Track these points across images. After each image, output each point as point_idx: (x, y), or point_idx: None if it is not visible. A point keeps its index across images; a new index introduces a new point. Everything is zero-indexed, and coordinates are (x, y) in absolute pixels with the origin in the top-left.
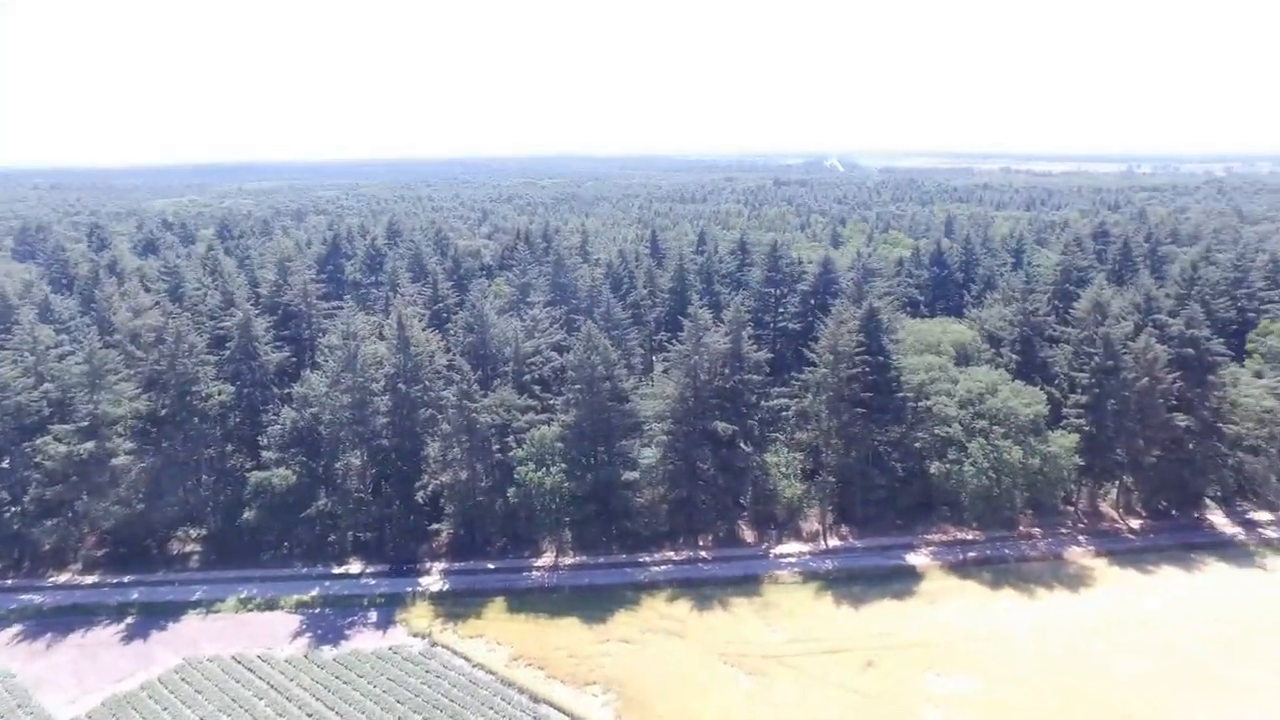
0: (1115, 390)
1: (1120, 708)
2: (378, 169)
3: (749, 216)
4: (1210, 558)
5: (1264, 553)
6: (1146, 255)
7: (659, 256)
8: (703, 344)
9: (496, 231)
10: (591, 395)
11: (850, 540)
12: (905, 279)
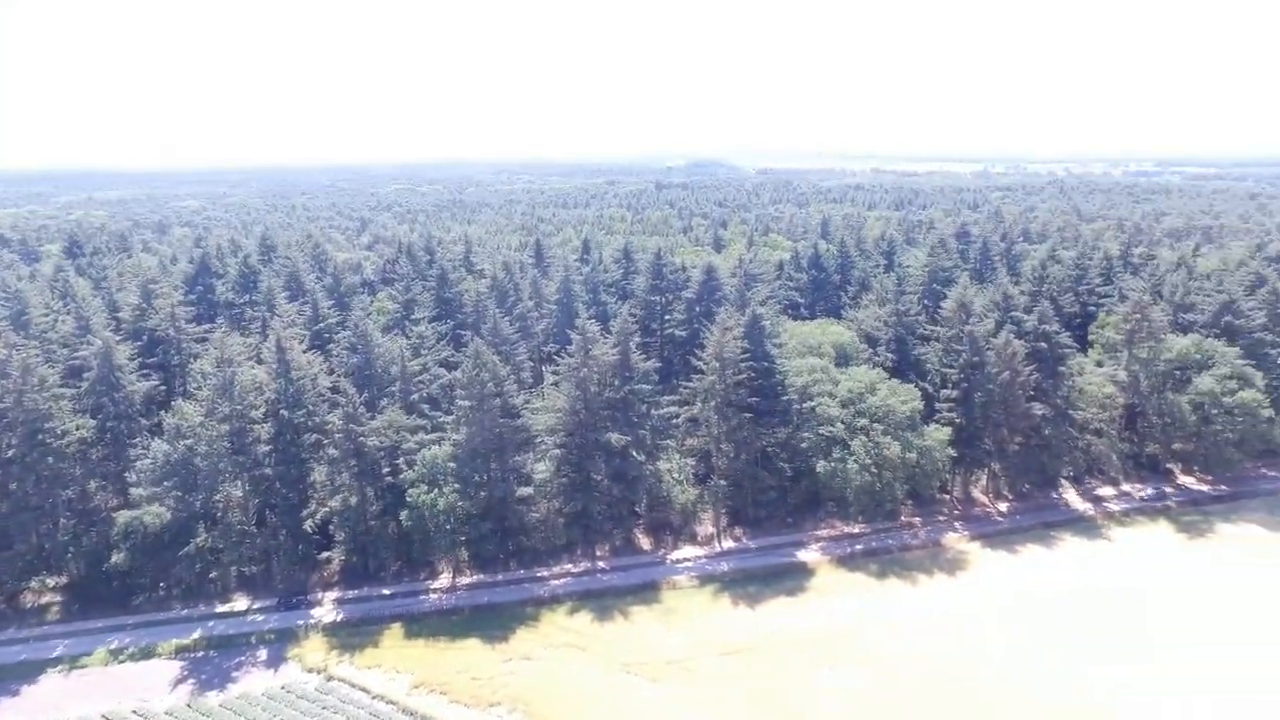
0: (981, 384)
1: (991, 681)
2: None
3: (632, 221)
4: (1066, 533)
5: (1109, 525)
6: (1003, 254)
7: (544, 266)
8: (591, 356)
9: (377, 242)
10: (482, 412)
11: (744, 541)
12: (786, 282)
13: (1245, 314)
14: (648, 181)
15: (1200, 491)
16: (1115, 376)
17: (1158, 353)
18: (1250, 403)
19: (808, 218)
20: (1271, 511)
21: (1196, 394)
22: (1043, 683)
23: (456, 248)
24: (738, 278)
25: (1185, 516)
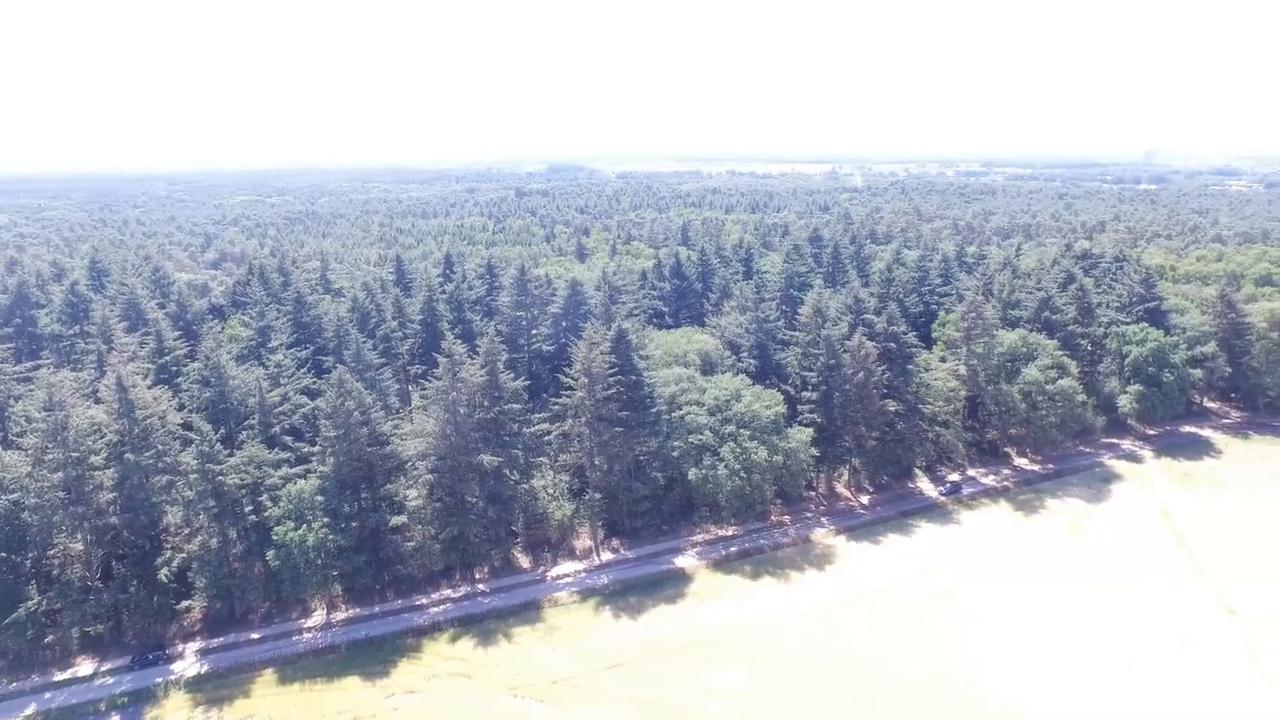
0: (839, 385)
1: (862, 666)
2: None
3: (494, 230)
4: (922, 520)
5: (958, 509)
6: (853, 257)
7: (406, 284)
8: (459, 379)
9: (224, 260)
10: (349, 441)
11: (622, 552)
12: (650, 291)
13: (1060, 309)
14: (508, 188)
15: (1032, 471)
16: (957, 371)
17: (991, 347)
18: (1068, 389)
19: (668, 223)
20: (1087, 485)
21: (1025, 383)
22: (908, 662)
23: (312, 263)
24: (603, 290)
25: (1021, 495)
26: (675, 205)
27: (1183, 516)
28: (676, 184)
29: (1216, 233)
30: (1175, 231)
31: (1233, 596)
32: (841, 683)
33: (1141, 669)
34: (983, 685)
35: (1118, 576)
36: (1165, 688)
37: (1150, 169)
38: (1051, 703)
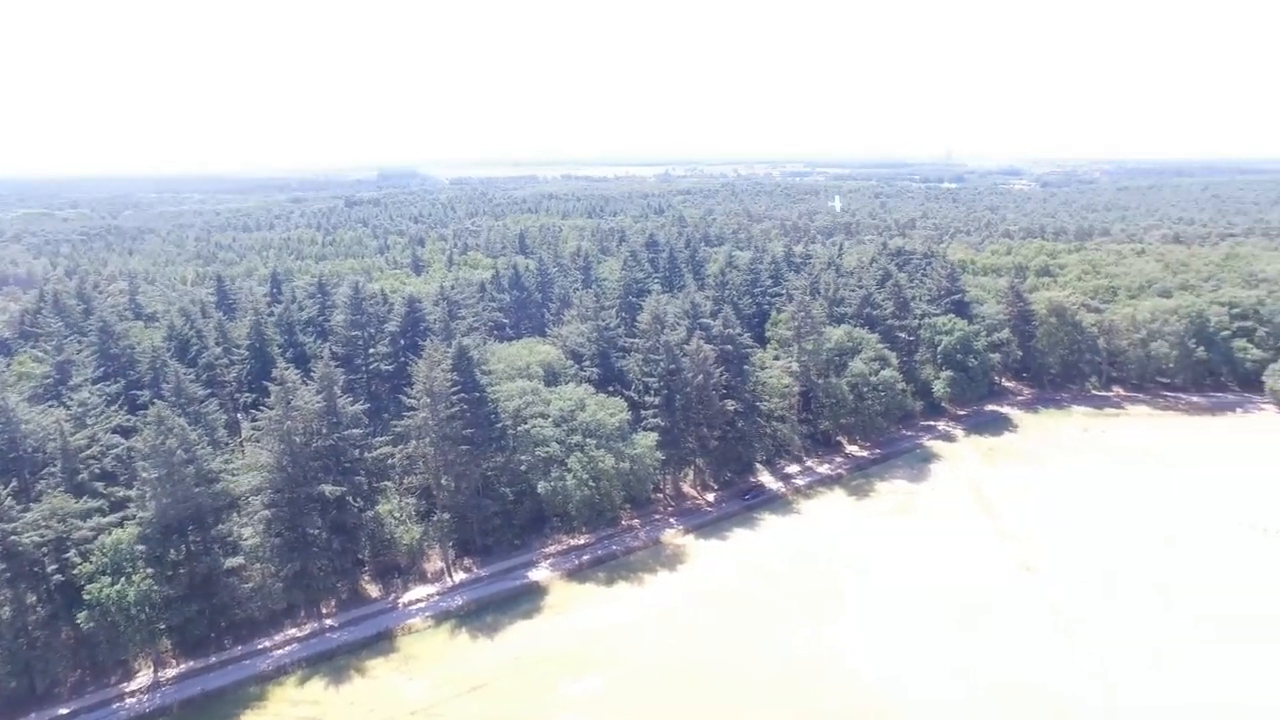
0: (680, 388)
1: (717, 662)
2: None
3: (324, 243)
4: (766, 513)
5: (798, 500)
6: (688, 261)
7: (229, 306)
8: (294, 407)
9: (6, 284)
10: (173, 482)
11: (476, 571)
12: (489, 303)
13: (879, 305)
14: (337, 198)
15: (862, 457)
16: (789, 368)
17: (820, 344)
18: (890, 379)
19: (506, 230)
20: (911, 465)
21: (852, 376)
22: (761, 652)
23: (118, 287)
24: (441, 306)
25: (854, 481)
26: (512, 212)
27: (990, 488)
28: (512, 190)
29: (1005, 228)
30: (973, 228)
31: (1030, 556)
32: (697, 678)
33: (967, 629)
34: (830, 665)
35: (940, 548)
36: (988, 642)
37: (951, 169)
38: (892, 670)
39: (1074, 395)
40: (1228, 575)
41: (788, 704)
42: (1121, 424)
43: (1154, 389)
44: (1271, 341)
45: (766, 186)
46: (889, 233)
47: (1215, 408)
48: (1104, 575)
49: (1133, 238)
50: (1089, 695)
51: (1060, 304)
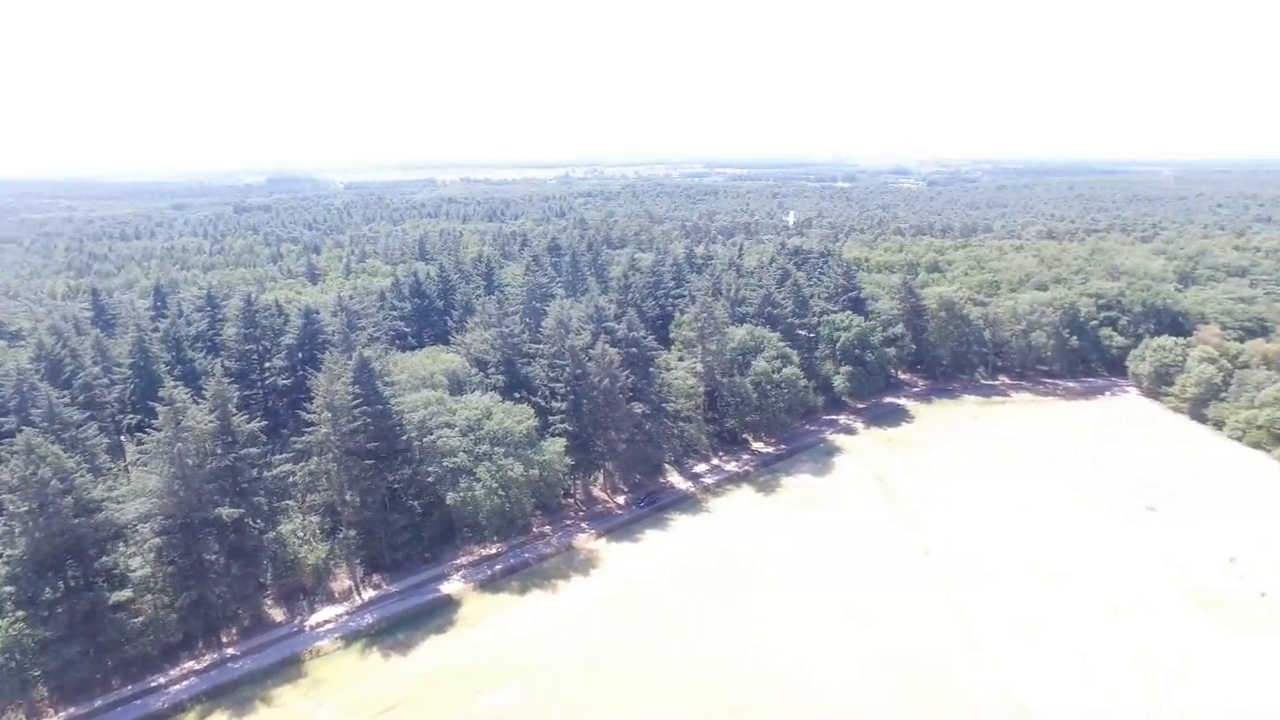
0: (586, 393)
1: (637, 662)
2: None
3: (211, 252)
4: (676, 513)
5: (707, 498)
6: (590, 264)
7: (108, 321)
8: (184, 427)
9: None
10: (48, 515)
11: (385, 587)
12: (390, 312)
13: (780, 304)
14: (225, 203)
15: (768, 453)
16: (694, 368)
17: (723, 344)
18: (792, 376)
19: (405, 236)
20: (815, 460)
21: (755, 374)
22: (676, 649)
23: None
24: (340, 316)
25: (761, 477)
26: (410, 217)
27: (890, 477)
28: (410, 194)
29: (897, 226)
30: (866, 226)
31: (928, 541)
32: (615, 680)
33: (871, 615)
34: (743, 657)
35: (845, 538)
36: (890, 626)
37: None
38: (800, 658)
39: (964, 385)
40: (1104, 553)
41: (705, 698)
42: (1007, 410)
43: (1035, 376)
44: (1132, 329)
45: (667, 187)
46: (787, 232)
47: (1088, 392)
48: (993, 556)
49: (1012, 234)
50: (977, 670)
51: (949, 299)
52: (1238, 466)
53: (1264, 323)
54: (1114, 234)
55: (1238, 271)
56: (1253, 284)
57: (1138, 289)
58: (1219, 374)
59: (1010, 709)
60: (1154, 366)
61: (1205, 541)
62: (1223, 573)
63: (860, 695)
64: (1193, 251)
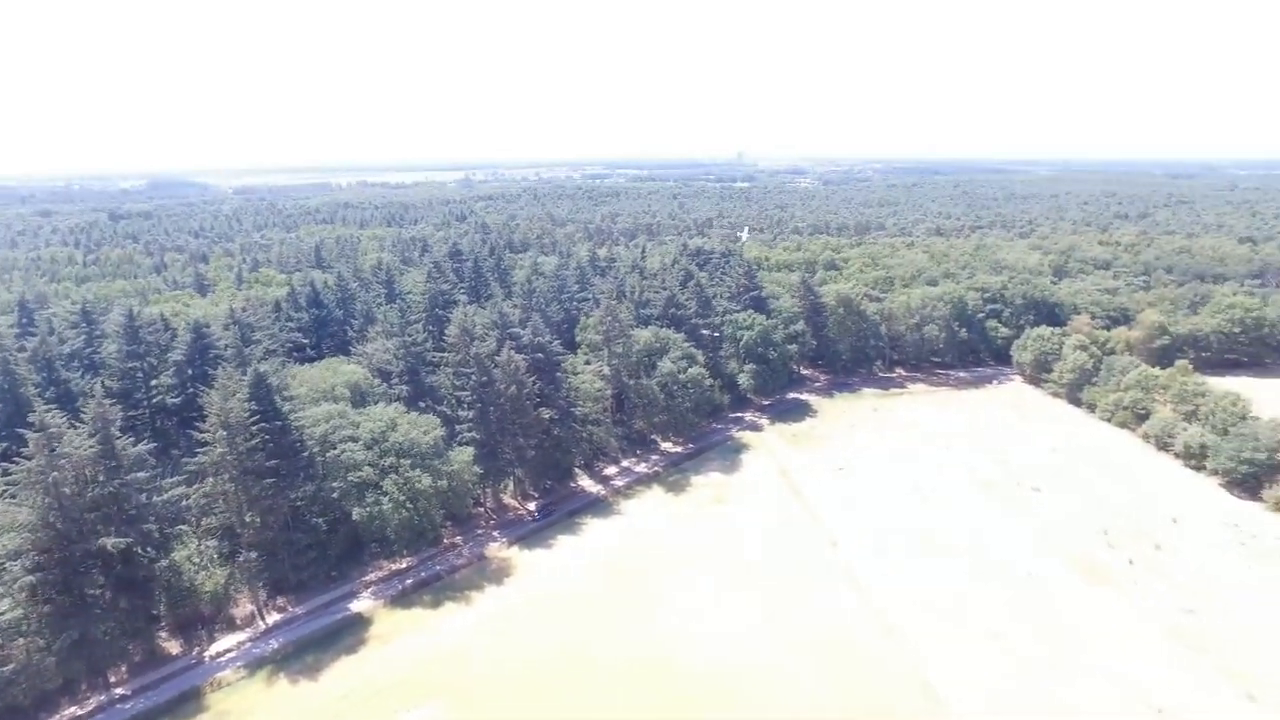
0: (493, 400)
1: (556, 669)
2: None
3: (85, 263)
4: (588, 517)
5: (618, 501)
6: (493, 269)
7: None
8: (60, 455)
9: None
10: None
11: (291, 610)
12: (286, 323)
13: (683, 305)
14: (98, 210)
15: (677, 453)
16: (601, 371)
17: (629, 347)
18: (698, 376)
19: (300, 243)
20: (723, 457)
21: (661, 376)
22: (597, 651)
23: None
24: (232, 329)
25: (671, 477)
26: (305, 223)
27: (796, 471)
28: (304, 199)
29: (795, 225)
30: (766, 225)
31: (834, 532)
32: (534, 688)
33: (785, 605)
34: (663, 654)
35: (756, 533)
36: (804, 613)
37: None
38: (720, 651)
39: (863, 378)
40: (997, 532)
41: (631, 697)
42: (905, 402)
43: (929, 367)
44: (1014, 320)
45: (568, 189)
46: (688, 232)
47: (977, 380)
48: (896, 542)
49: (904, 231)
50: (886, 651)
51: (847, 295)
52: (1108, 445)
53: (1126, 312)
54: (996, 230)
55: (1103, 264)
56: (1115, 276)
57: (1018, 283)
58: (1090, 361)
59: (917, 685)
60: (1035, 355)
61: (1082, 516)
62: (1098, 544)
63: (781, 682)
64: (1065, 247)
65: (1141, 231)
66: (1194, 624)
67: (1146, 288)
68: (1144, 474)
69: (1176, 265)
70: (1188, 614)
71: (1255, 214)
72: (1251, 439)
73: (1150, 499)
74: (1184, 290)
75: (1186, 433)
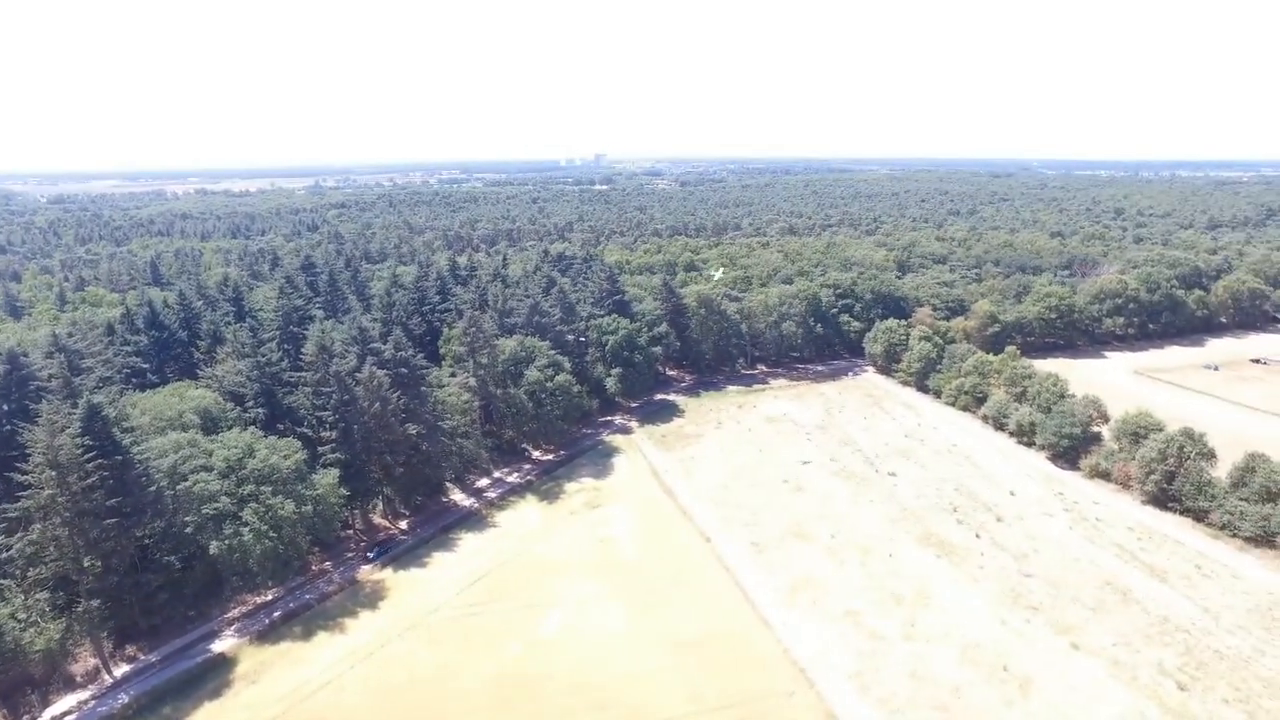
0: (356, 419)
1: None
2: None
3: None
4: (462, 531)
5: (491, 513)
6: (349, 282)
7: None
8: None
9: None
10: None
11: (143, 658)
12: (122, 347)
13: (547, 312)
14: None
15: (549, 461)
16: (467, 383)
17: (494, 357)
18: (565, 383)
19: (132, 258)
20: (594, 462)
21: (528, 384)
22: (481, 668)
23: None
24: (57, 357)
25: (544, 485)
26: (138, 235)
27: (667, 471)
28: (134, 209)
29: (654, 228)
30: (626, 228)
31: (703, 526)
32: (420, 710)
33: (661, 601)
34: (547, 660)
35: (630, 534)
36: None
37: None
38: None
39: (727, 376)
40: (856, 514)
41: (516, 707)
42: (767, 397)
43: (789, 362)
44: (865, 314)
45: (424, 195)
46: (549, 237)
47: (834, 373)
48: (764, 532)
49: (759, 231)
50: (760, 637)
51: (707, 296)
52: (953, 428)
53: (962, 302)
54: (844, 228)
55: (940, 259)
56: (952, 269)
57: (867, 278)
58: (934, 350)
59: (788, 667)
60: (884, 346)
61: (933, 496)
62: (948, 522)
63: (661, 679)
64: (906, 243)
65: (971, 228)
66: (1030, 586)
67: (979, 279)
68: (985, 453)
69: (1002, 258)
70: (1025, 578)
71: (1062, 210)
72: (1069, 415)
73: (991, 476)
74: (1009, 281)
75: (1018, 413)
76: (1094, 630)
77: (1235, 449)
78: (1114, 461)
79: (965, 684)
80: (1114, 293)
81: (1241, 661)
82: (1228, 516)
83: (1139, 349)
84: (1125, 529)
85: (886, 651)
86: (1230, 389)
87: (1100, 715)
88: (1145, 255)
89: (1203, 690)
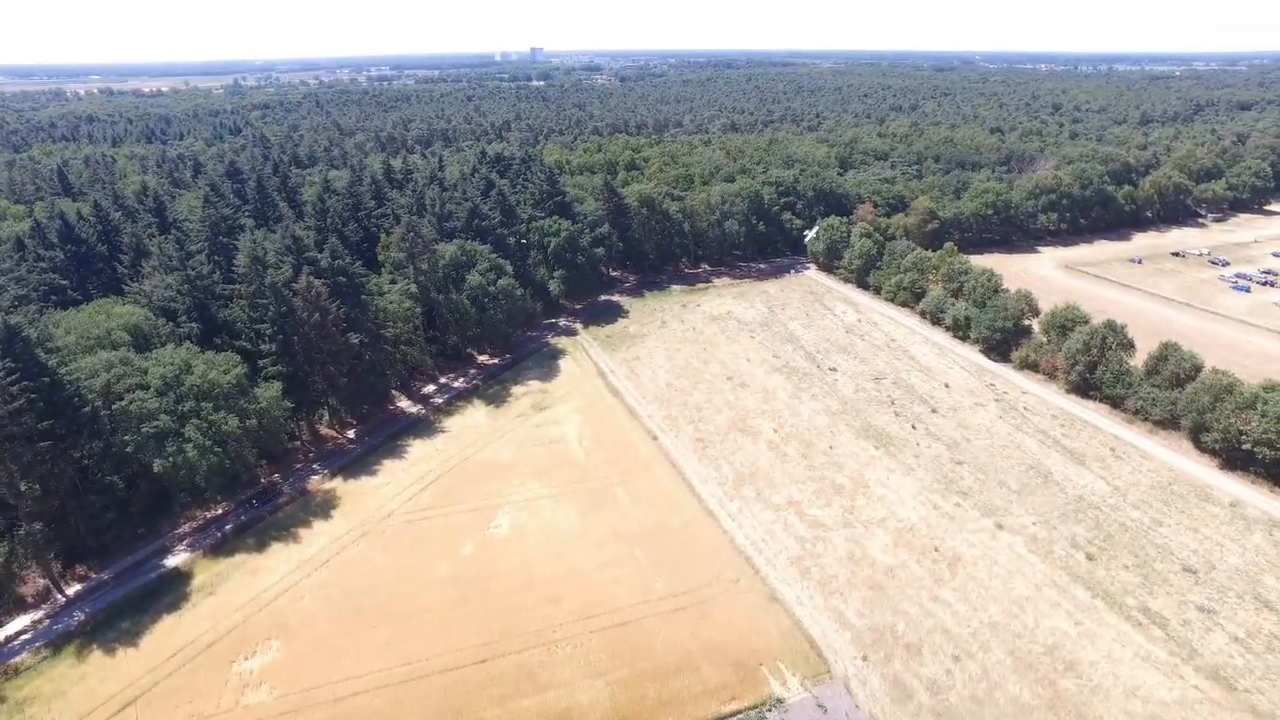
0: (296, 331)
1: (387, 594)
2: None
3: None
4: (411, 438)
5: (439, 419)
6: (279, 188)
7: None
8: None
9: None
10: None
11: (95, 576)
12: (36, 264)
13: (487, 215)
14: None
15: (494, 365)
16: (408, 290)
17: (435, 262)
18: (508, 287)
19: (35, 166)
20: (540, 365)
21: (470, 289)
22: (438, 571)
23: None
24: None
25: (490, 389)
26: (39, 140)
27: (612, 372)
28: (31, 111)
29: (594, 126)
30: (565, 127)
31: (650, 424)
32: (373, 614)
33: (608, 500)
34: (505, 562)
35: (578, 435)
36: (627, 507)
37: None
38: (565, 553)
39: (671, 276)
40: (797, 408)
41: (461, 612)
42: (711, 296)
43: (731, 261)
44: (807, 212)
45: (354, 94)
46: (486, 138)
47: (776, 271)
48: (710, 428)
49: (701, 128)
50: (702, 524)
51: (649, 195)
52: (893, 324)
53: (903, 199)
54: (786, 125)
55: (882, 155)
56: (893, 166)
57: (809, 175)
58: (874, 247)
59: (733, 555)
60: (826, 244)
61: (873, 390)
62: (887, 415)
63: (611, 572)
64: (848, 139)
65: (913, 124)
66: (961, 473)
67: (919, 176)
68: (922, 348)
69: (943, 155)
70: (957, 465)
71: (1002, 105)
72: (1002, 310)
73: (927, 369)
74: (949, 178)
75: (954, 308)
76: (1017, 511)
77: (1151, 339)
78: (1042, 354)
79: (899, 565)
80: (1049, 188)
81: (1141, 532)
82: (1141, 402)
83: (1070, 244)
84: (1050, 416)
85: (826, 538)
86: (1151, 281)
87: (1018, 585)
88: (1080, 151)
89: (1107, 559)
